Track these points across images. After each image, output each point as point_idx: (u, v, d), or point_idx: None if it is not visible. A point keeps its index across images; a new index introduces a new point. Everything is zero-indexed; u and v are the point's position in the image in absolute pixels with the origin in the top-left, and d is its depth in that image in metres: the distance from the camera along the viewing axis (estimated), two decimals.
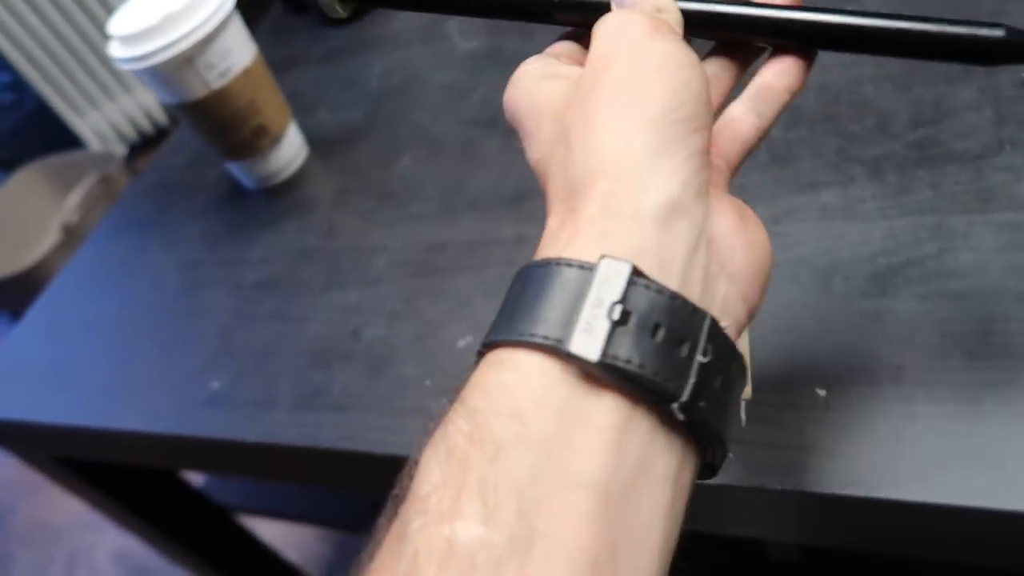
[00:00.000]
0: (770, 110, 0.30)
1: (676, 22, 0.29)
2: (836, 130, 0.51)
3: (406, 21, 0.84)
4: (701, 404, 0.23)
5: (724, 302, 0.25)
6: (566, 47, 0.32)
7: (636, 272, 0.23)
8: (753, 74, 0.32)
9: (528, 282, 0.25)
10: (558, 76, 0.29)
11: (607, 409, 0.22)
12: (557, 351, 0.22)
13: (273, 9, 1.00)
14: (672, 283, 0.23)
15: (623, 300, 0.22)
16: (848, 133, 0.50)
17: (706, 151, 0.26)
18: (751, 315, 0.26)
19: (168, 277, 0.68)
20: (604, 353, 0.22)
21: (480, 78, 0.71)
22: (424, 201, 0.62)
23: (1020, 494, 0.34)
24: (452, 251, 0.57)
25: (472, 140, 0.66)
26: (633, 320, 0.22)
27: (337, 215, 0.65)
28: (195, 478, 0.95)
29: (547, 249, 0.25)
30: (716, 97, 0.31)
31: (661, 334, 0.22)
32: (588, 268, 0.23)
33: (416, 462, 0.23)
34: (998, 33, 0.29)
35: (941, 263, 0.42)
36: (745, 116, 0.30)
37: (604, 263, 0.23)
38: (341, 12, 0.36)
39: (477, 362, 0.25)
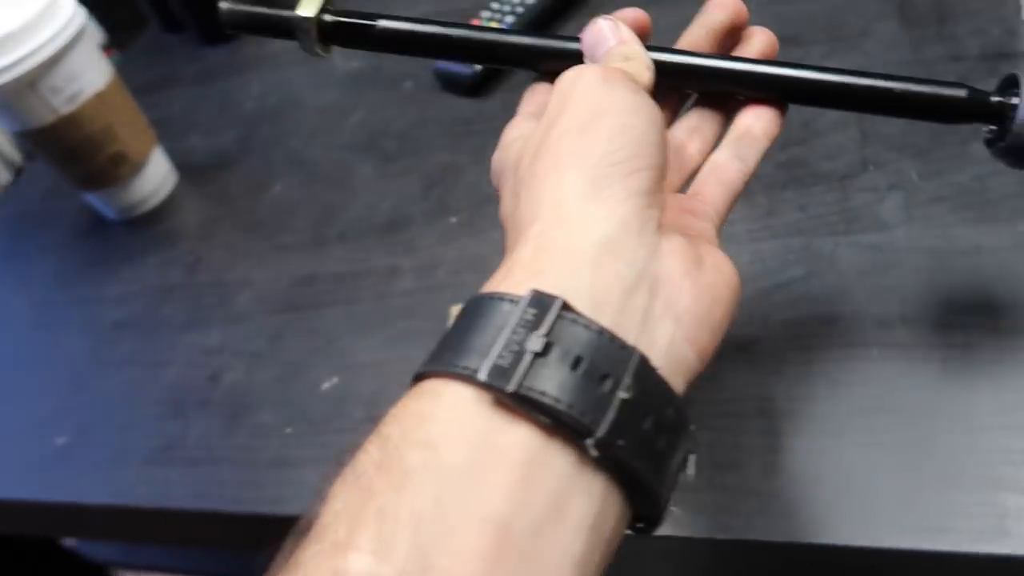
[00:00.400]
0: (752, 154, 0.32)
1: (641, 70, 0.29)
2: None
3: (284, 40, 0.81)
4: (620, 443, 0.22)
5: (670, 345, 0.24)
6: (542, 96, 0.33)
7: (564, 306, 0.22)
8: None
9: (462, 316, 0.24)
10: (524, 135, 0.30)
11: (520, 442, 0.21)
12: (475, 380, 0.22)
13: (150, 26, 0.95)
14: (604, 320, 0.23)
15: (547, 333, 0.22)
16: None
17: (652, 191, 0.26)
18: (703, 361, 0.26)
19: (16, 319, 0.62)
20: (520, 384, 0.21)
21: (359, 100, 0.68)
22: (294, 231, 0.59)
23: (884, 529, 0.33)
24: (321, 284, 0.54)
25: (347, 165, 0.62)
26: (555, 353, 0.22)
27: (203, 247, 0.61)
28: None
29: (485, 287, 0.25)
30: (700, 145, 0.33)
31: (582, 368, 0.22)
32: (516, 301, 0.23)
33: (326, 491, 0.22)
34: (960, 93, 0.31)
35: (808, 287, 0.42)
36: (728, 162, 0.31)
37: (532, 296, 0.23)
38: (323, 53, 0.35)
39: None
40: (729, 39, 0.33)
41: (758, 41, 0.33)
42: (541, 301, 0.22)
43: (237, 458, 0.46)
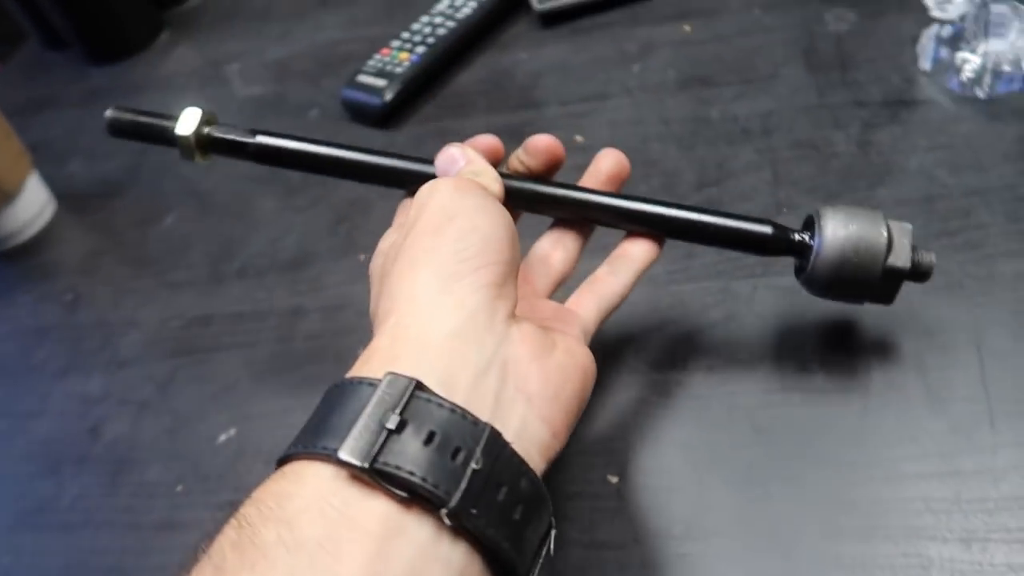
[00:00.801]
0: (628, 272, 0.35)
1: (490, 182, 0.32)
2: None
3: (182, 61, 0.76)
4: (473, 511, 0.23)
5: (522, 424, 0.26)
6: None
7: (418, 387, 0.24)
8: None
9: (324, 401, 0.26)
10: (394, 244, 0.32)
11: (377, 515, 0.22)
12: (333, 458, 0.22)
13: (29, 42, 0.88)
14: (457, 399, 0.24)
15: (402, 411, 0.23)
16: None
17: (500, 284, 0.28)
18: (558, 438, 0.27)
19: None
20: (374, 459, 0.22)
21: (260, 126, 0.65)
22: (188, 267, 0.55)
23: None
24: (217, 325, 0.50)
25: (247, 197, 0.59)
26: (409, 429, 0.23)
27: (84, 284, 0.56)
28: None
29: (347, 375, 0.26)
30: (563, 254, 0.36)
31: (436, 442, 0.23)
32: (374, 384, 0.24)
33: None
34: (766, 230, 0.35)
35: (728, 330, 0.41)
36: (605, 276, 0.35)
37: (388, 378, 0.24)
38: (203, 162, 0.38)
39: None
40: (614, 187, 0.37)
41: (606, 163, 0.37)
42: (396, 383, 0.24)
43: (119, 521, 0.41)
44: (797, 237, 0.35)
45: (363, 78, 0.61)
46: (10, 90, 0.80)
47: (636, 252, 0.36)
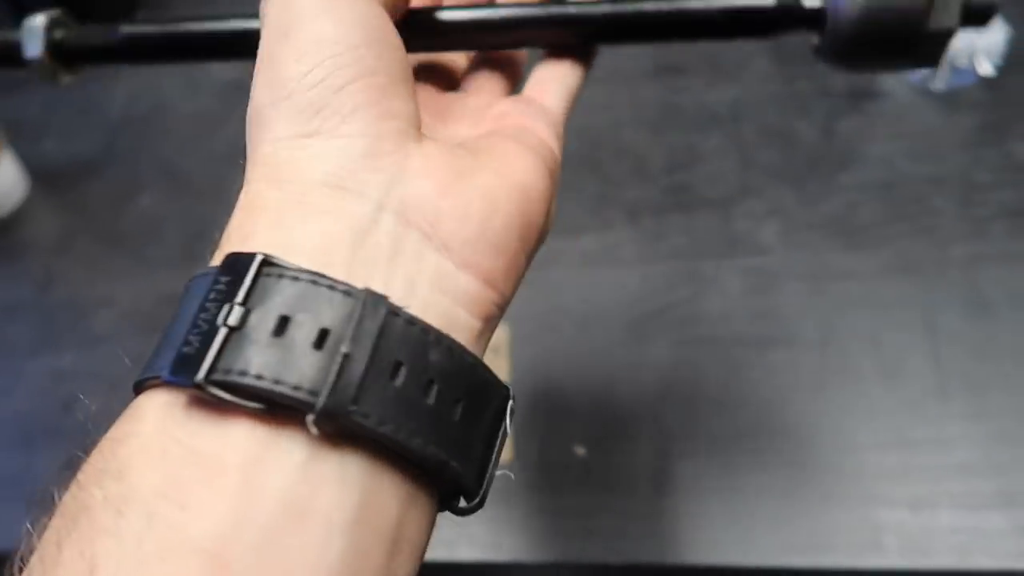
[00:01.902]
0: (582, 61, 0.26)
1: None
2: (597, 174, 0.50)
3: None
4: (354, 408, 0.16)
5: (436, 279, 0.19)
6: None
7: (266, 263, 0.17)
8: None
9: (180, 300, 0.19)
10: None
11: (233, 441, 0.16)
12: (162, 381, 0.17)
13: (0, 16, 0.87)
14: (335, 271, 0.18)
15: (244, 300, 0.17)
16: (608, 177, 0.50)
17: (379, 100, 0.20)
18: (494, 286, 0.20)
19: None
20: (209, 369, 0.16)
21: (236, 109, 0.64)
22: (162, 245, 0.55)
23: (768, 549, 0.33)
24: None
25: (222, 176, 0.59)
26: (252, 320, 0.17)
27: (57, 262, 0.56)
28: None
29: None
30: (497, 90, 0.26)
31: (289, 329, 0.17)
32: (210, 273, 0.18)
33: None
34: (768, 2, 0.26)
35: (693, 309, 0.42)
36: (560, 61, 0.26)
37: (226, 260, 0.18)
38: (64, 80, 0.29)
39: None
40: None
41: None
42: (236, 265, 0.18)
43: None
44: (807, 3, 0.26)
45: None
46: None
47: (561, 71, 0.27)
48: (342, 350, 0.17)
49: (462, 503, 0.19)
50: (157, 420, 0.17)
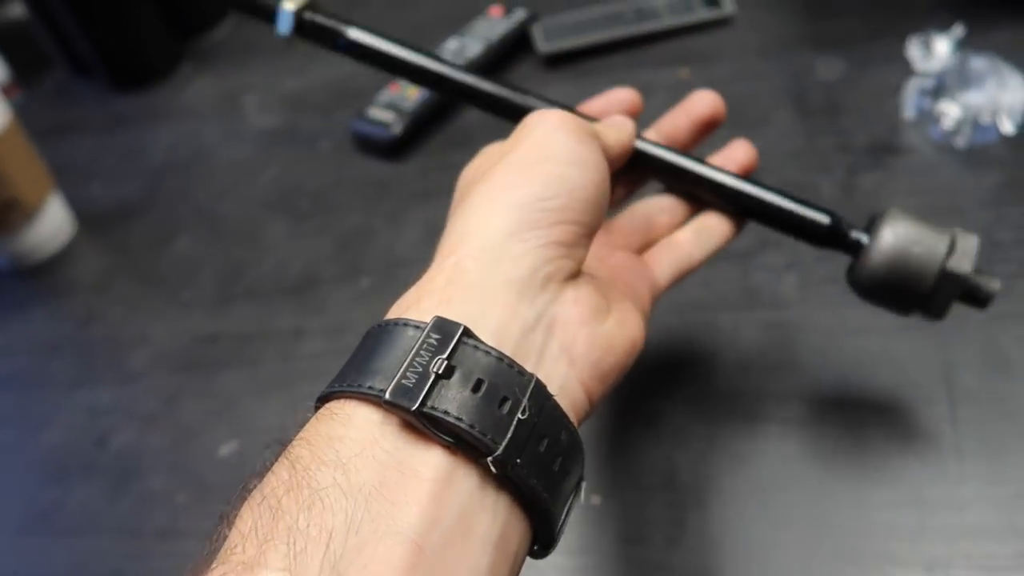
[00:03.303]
0: (708, 243, 0.35)
1: (610, 134, 0.31)
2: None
3: (201, 91, 0.80)
4: (518, 461, 0.22)
5: (563, 382, 0.26)
6: None
7: (467, 333, 0.23)
8: None
9: (368, 339, 0.25)
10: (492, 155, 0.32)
11: (429, 461, 0.22)
12: (381, 401, 0.22)
13: (57, 68, 0.91)
14: (505, 350, 0.24)
15: (449, 356, 0.23)
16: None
17: (571, 244, 0.27)
18: (592, 404, 0.27)
19: None
20: (423, 403, 0.22)
21: (273, 157, 0.68)
22: (197, 287, 0.57)
23: None
24: (223, 344, 0.52)
25: (258, 222, 0.61)
26: (457, 375, 0.23)
27: (98, 301, 0.58)
28: None
29: (394, 310, 0.26)
30: (669, 219, 0.36)
31: (483, 390, 0.23)
32: (422, 327, 0.24)
33: (231, 515, 0.23)
34: (823, 219, 0.34)
35: (712, 362, 0.43)
36: (685, 241, 0.35)
37: (437, 322, 0.24)
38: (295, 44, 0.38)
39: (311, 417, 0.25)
40: (705, 130, 0.37)
41: (740, 154, 0.37)
42: (444, 327, 0.23)
43: (122, 528, 0.43)
44: (853, 234, 0.34)
45: (373, 112, 0.64)
46: (37, 114, 0.84)
47: (719, 227, 0.35)
48: (519, 416, 0.23)
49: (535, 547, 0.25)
50: (370, 431, 0.22)
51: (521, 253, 0.26)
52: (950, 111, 0.50)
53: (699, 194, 0.35)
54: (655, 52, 0.66)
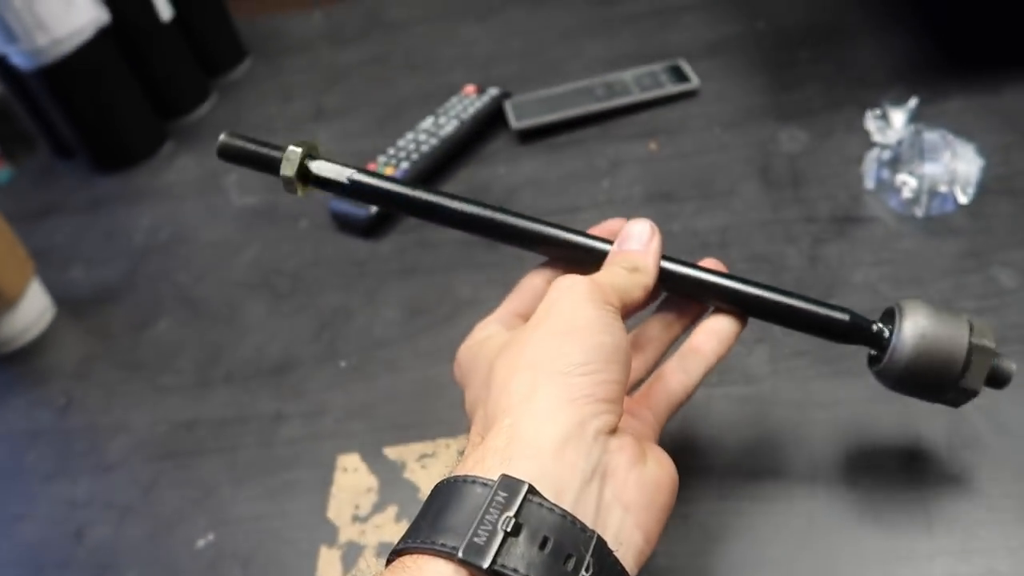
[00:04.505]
0: (697, 370, 0.36)
1: (637, 288, 0.34)
2: None
3: (183, 170, 0.81)
4: None
5: (619, 529, 0.27)
6: (517, 303, 0.38)
7: (531, 491, 0.25)
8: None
9: (437, 496, 0.27)
10: (501, 334, 0.35)
11: None
12: (454, 557, 0.24)
13: (39, 150, 0.93)
14: (565, 505, 0.26)
15: (517, 514, 0.25)
16: None
17: (612, 400, 0.29)
18: (650, 543, 0.29)
19: None
20: (494, 560, 0.24)
21: (253, 235, 0.69)
22: (177, 372, 0.57)
23: None
24: (202, 430, 0.52)
25: (237, 303, 0.62)
26: (524, 533, 0.25)
27: (77, 388, 0.58)
28: None
29: (459, 469, 0.28)
30: (652, 354, 0.37)
31: (549, 547, 0.25)
32: (490, 485, 0.26)
33: None
34: (843, 317, 0.35)
35: (684, 439, 0.43)
36: (672, 374, 0.36)
37: (504, 481, 0.26)
38: (302, 193, 0.37)
39: (386, 567, 0.27)
40: None
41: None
42: (511, 485, 0.25)
43: None
44: (875, 328, 0.35)
45: None
46: (19, 196, 0.85)
47: (709, 348, 0.36)
48: (583, 573, 0.25)
49: None
50: None
51: (572, 412, 0.28)
52: (908, 181, 0.51)
53: (716, 303, 0.37)
54: (624, 125, 0.68)
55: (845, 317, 0.35)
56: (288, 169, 0.36)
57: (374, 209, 0.63)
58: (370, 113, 0.80)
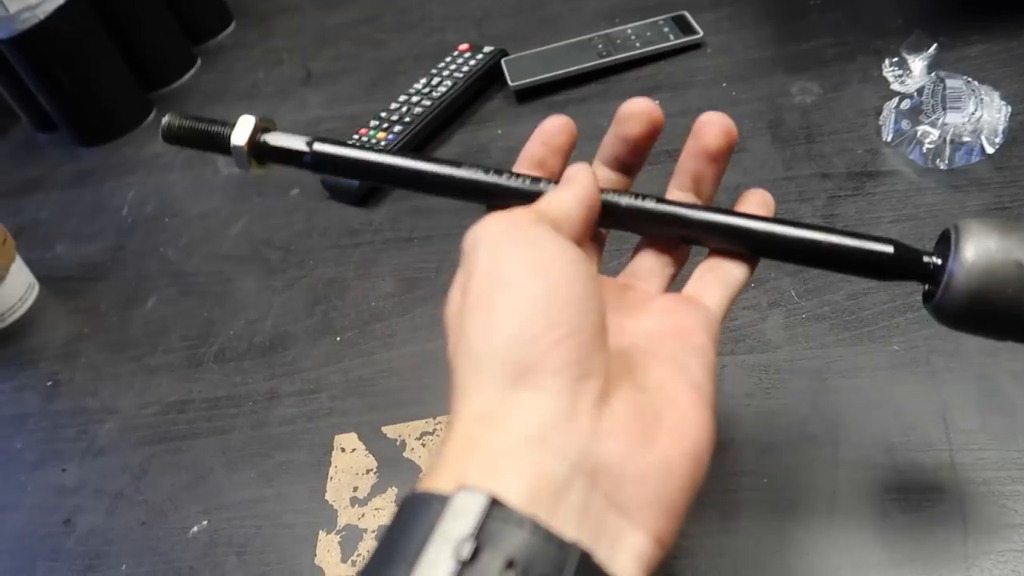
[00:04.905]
0: (744, 264, 0.30)
1: (570, 204, 0.28)
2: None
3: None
4: None
5: (616, 537, 0.22)
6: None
7: (494, 503, 0.21)
8: None
9: (397, 514, 0.23)
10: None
11: None
12: None
13: (22, 123, 0.90)
14: (540, 513, 0.21)
15: (477, 535, 0.20)
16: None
17: (583, 359, 0.23)
18: (663, 545, 0.23)
19: None
20: None
21: (243, 207, 0.66)
22: (167, 351, 0.55)
23: None
24: (193, 411, 0.50)
25: (228, 277, 0.59)
26: (484, 557, 0.20)
27: (64, 369, 0.56)
28: None
29: (426, 477, 0.23)
30: (658, 285, 0.31)
31: (516, 571, 0.20)
32: (445, 499, 0.21)
33: None
34: (887, 249, 0.29)
35: None
36: (725, 260, 0.30)
37: (460, 495, 0.21)
38: (260, 171, 0.35)
39: None
40: (726, 161, 0.32)
41: (755, 202, 0.32)
42: (468, 500, 0.21)
43: None
44: (926, 259, 0.29)
45: None
46: (0, 173, 0.82)
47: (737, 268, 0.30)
48: None
49: None
50: None
51: (529, 398, 0.22)
52: (930, 132, 0.49)
53: (716, 244, 0.31)
54: (627, 81, 0.65)
55: (889, 248, 0.29)
56: (239, 138, 0.33)
57: None
58: (361, 76, 0.77)
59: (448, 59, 0.69)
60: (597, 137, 0.62)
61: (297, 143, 0.33)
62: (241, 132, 0.33)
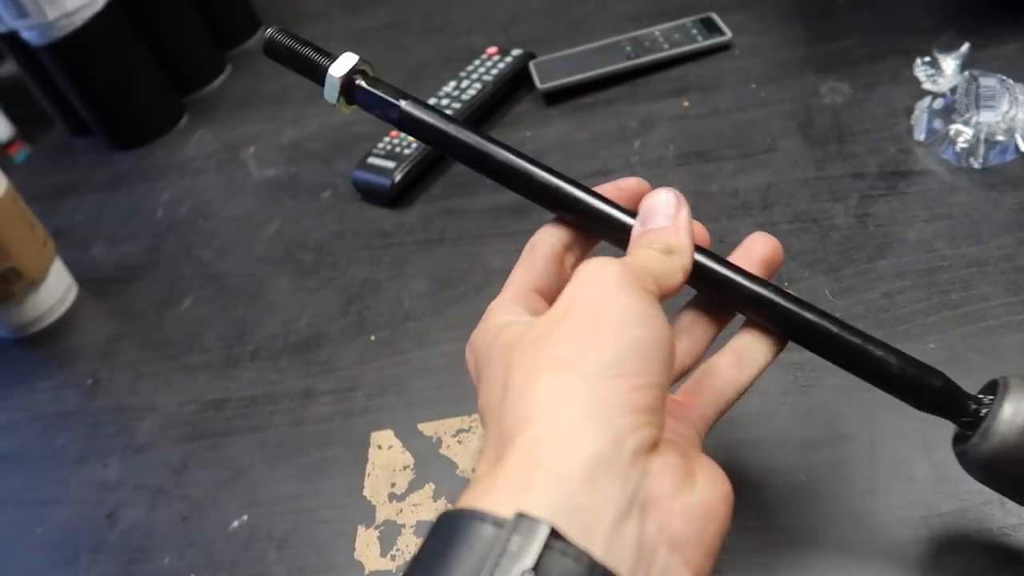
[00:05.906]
0: (750, 370, 0.31)
1: (674, 271, 0.29)
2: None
3: (200, 145, 0.79)
4: None
5: (665, 571, 0.23)
6: (532, 275, 0.32)
7: (553, 534, 0.21)
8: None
9: (439, 533, 0.23)
10: (520, 321, 0.29)
11: None
12: None
13: (57, 128, 0.91)
14: (596, 548, 0.21)
15: (535, 567, 0.20)
16: None
17: (652, 410, 0.24)
18: None
19: None
20: None
21: (275, 209, 0.67)
22: (203, 350, 0.56)
23: None
24: (231, 409, 0.51)
25: (262, 278, 0.60)
26: None
27: (103, 368, 0.57)
28: None
29: (467, 496, 0.23)
30: (697, 343, 0.32)
31: None
32: (501, 524, 0.21)
33: None
34: (934, 382, 0.30)
35: (734, 409, 0.41)
36: (726, 369, 0.31)
37: (519, 521, 0.21)
38: (344, 109, 0.35)
39: None
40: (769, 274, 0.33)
41: (759, 249, 0.33)
42: (528, 527, 0.21)
43: None
44: (971, 405, 0.30)
45: (373, 160, 0.63)
46: (36, 176, 0.84)
47: (762, 347, 0.32)
48: None
49: None
50: None
51: (604, 426, 0.23)
52: (963, 131, 0.48)
53: (779, 332, 0.32)
54: (655, 84, 0.65)
55: (937, 382, 0.29)
56: (337, 71, 0.33)
57: (398, 178, 0.61)
58: (389, 80, 0.78)
59: (476, 62, 0.69)
60: (625, 139, 0.63)
61: (389, 94, 0.34)
62: (340, 66, 0.33)
